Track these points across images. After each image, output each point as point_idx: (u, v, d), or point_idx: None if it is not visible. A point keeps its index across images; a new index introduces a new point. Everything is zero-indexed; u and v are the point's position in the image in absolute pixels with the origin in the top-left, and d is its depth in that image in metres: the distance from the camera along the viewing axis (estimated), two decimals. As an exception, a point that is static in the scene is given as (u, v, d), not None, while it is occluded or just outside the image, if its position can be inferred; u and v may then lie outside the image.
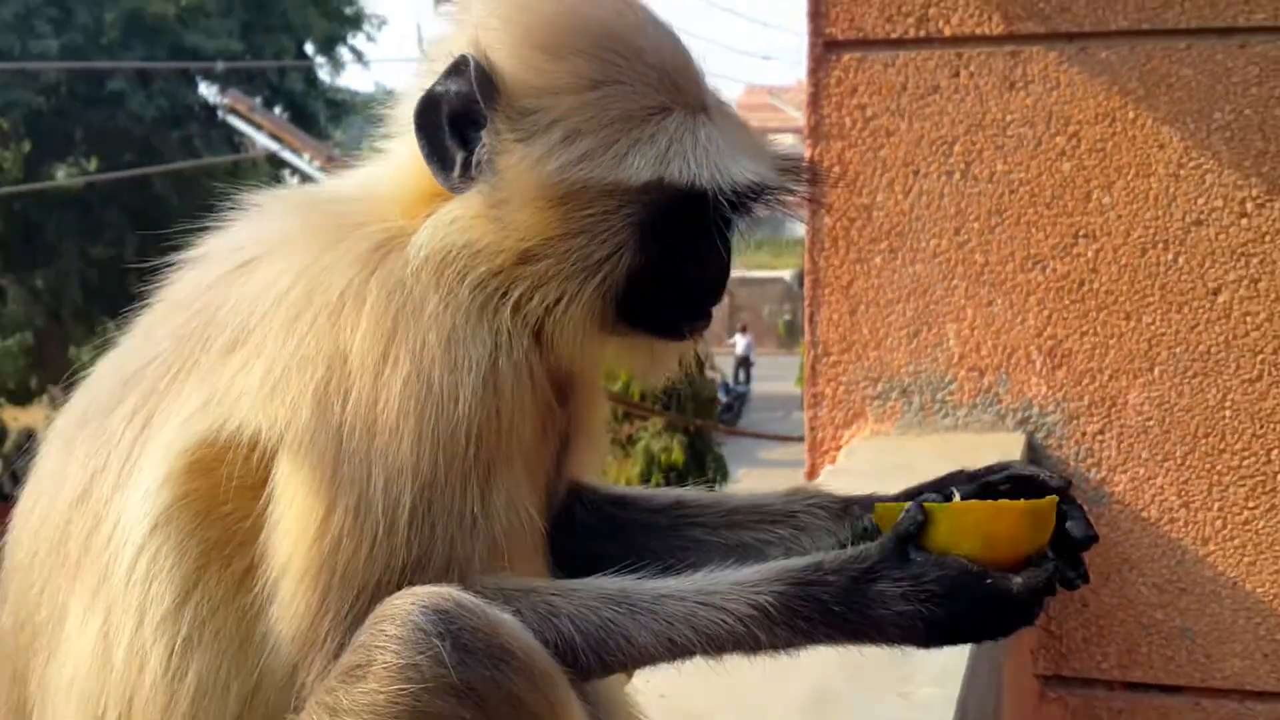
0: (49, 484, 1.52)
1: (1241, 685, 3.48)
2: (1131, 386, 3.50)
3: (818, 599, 1.42)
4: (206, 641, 1.40)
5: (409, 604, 1.30)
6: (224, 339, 1.46)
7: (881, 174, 3.61)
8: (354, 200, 1.56)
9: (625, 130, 1.45)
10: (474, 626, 1.30)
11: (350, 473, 1.37)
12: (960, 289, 3.58)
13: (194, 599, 1.41)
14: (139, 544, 1.42)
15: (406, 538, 1.37)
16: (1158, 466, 3.50)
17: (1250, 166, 3.40)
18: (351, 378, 1.40)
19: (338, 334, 1.41)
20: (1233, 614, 3.47)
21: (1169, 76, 3.43)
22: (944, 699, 2.16)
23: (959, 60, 3.55)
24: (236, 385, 1.43)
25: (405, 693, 1.28)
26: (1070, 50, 3.49)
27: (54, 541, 1.48)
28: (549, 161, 1.43)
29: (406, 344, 1.40)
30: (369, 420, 1.38)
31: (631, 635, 1.41)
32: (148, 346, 1.52)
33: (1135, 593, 3.53)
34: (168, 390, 1.46)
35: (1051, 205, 3.52)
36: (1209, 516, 3.48)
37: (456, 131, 1.47)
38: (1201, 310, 3.45)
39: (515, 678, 1.31)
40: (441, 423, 1.39)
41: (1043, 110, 3.51)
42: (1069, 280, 3.52)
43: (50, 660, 1.45)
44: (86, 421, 1.52)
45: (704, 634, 1.43)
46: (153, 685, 1.39)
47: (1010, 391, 3.58)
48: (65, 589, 1.46)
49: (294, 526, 1.39)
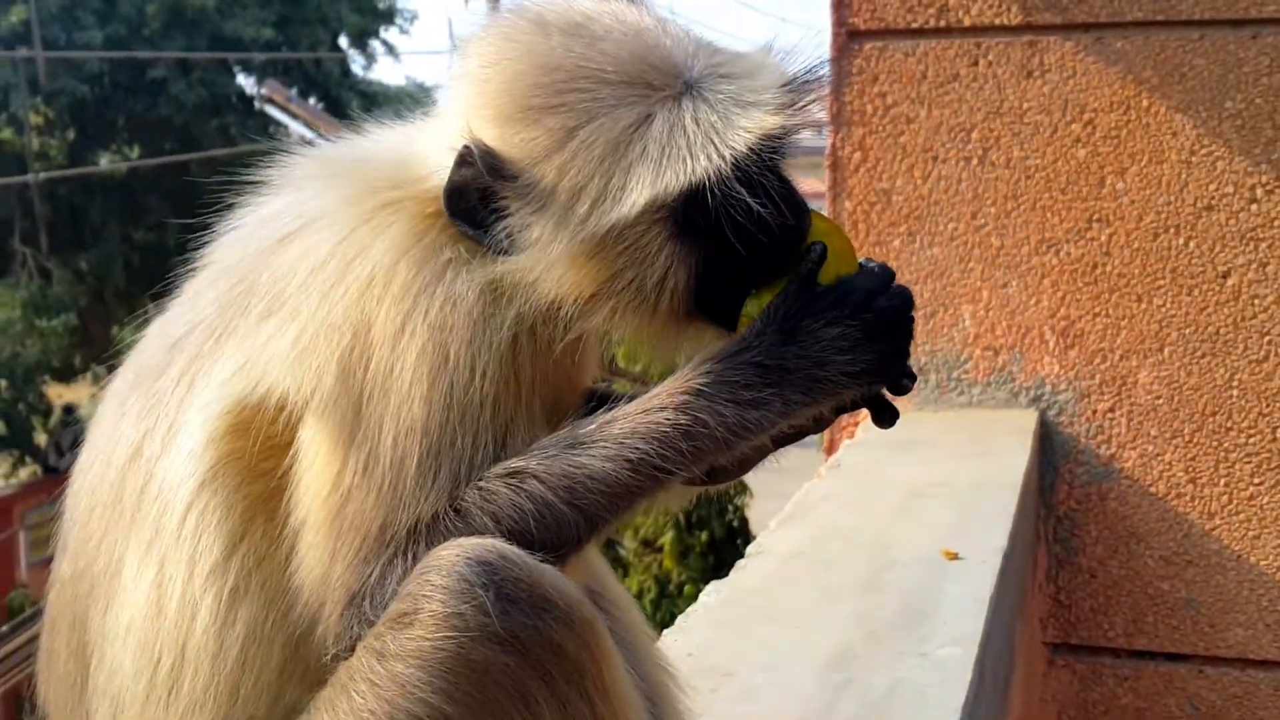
0: (104, 443, 1.59)
1: (1244, 654, 3.59)
2: (1142, 366, 3.61)
3: (751, 362, 1.42)
4: (253, 592, 1.47)
5: (454, 555, 1.35)
6: (261, 306, 1.51)
7: (901, 160, 3.73)
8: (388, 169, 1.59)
9: (615, 162, 1.44)
10: (516, 577, 1.34)
11: (364, 432, 1.43)
12: (976, 271, 3.70)
13: (240, 551, 1.47)
14: (188, 500, 1.48)
15: (413, 488, 1.41)
16: (1166, 443, 3.61)
17: (1260, 154, 3.50)
18: (373, 346, 1.45)
19: (364, 305, 1.46)
20: (1236, 585, 3.58)
21: (1182, 66, 3.53)
22: (962, 659, 2.22)
23: (978, 49, 3.66)
24: (269, 350, 1.48)
25: (450, 640, 1.32)
26: (1086, 40, 3.60)
27: (110, 497, 1.55)
28: (565, 228, 1.45)
29: (425, 316, 1.45)
30: (386, 385, 1.43)
31: (592, 469, 1.41)
32: (193, 311, 1.59)
33: (1142, 564, 3.64)
34: (210, 354, 1.53)
35: (1066, 190, 3.63)
36: (1215, 492, 3.59)
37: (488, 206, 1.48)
38: (1211, 293, 3.56)
39: (556, 626, 1.35)
40: (455, 387, 1.44)
41: (1059, 98, 3.62)
42: (1082, 263, 3.64)
43: (108, 608, 1.51)
44: (139, 383, 1.59)
45: (654, 439, 1.41)
46: (204, 633, 1.46)
47: (1024, 370, 3.70)
48: (121, 541, 1.52)
49: (312, 483, 1.44)
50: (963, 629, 2.35)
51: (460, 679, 1.33)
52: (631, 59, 1.47)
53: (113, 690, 1.50)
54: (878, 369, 1.45)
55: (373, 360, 1.45)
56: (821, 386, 1.44)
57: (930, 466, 3.34)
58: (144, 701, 1.47)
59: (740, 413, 1.42)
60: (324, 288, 1.48)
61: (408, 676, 1.33)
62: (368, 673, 1.35)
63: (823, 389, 1.44)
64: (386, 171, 1.59)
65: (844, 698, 2.10)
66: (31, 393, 24.50)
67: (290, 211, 1.58)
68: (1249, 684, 3.61)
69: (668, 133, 1.43)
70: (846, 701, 2.09)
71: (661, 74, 1.46)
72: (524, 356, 1.48)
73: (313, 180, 1.61)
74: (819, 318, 1.43)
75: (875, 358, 1.44)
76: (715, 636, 2.37)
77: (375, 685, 1.34)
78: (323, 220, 1.54)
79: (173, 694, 1.46)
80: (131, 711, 1.48)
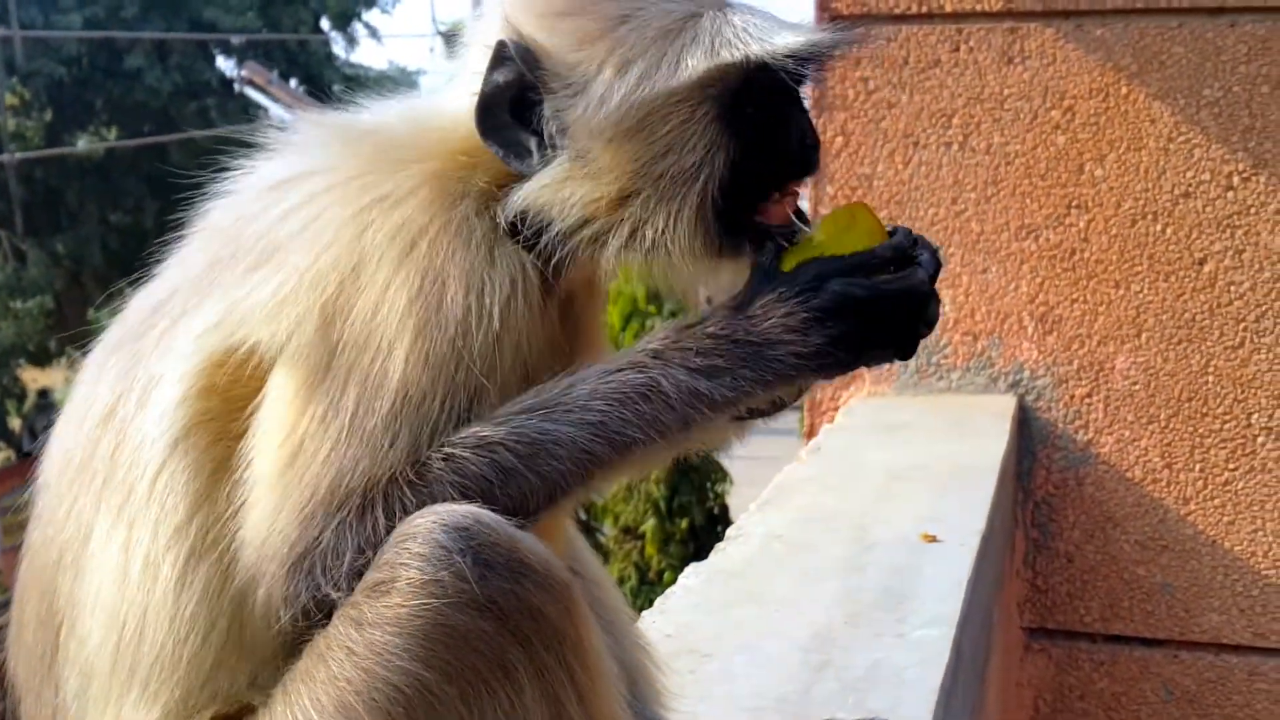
0: (80, 406, 1.56)
1: (1218, 639, 3.63)
2: (1119, 352, 3.63)
3: (705, 333, 1.44)
4: (210, 553, 1.42)
5: (431, 522, 1.33)
6: (249, 259, 1.48)
7: (882, 144, 3.74)
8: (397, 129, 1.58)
9: (668, 43, 1.48)
10: (494, 542, 1.33)
11: (331, 383, 1.40)
12: (956, 256, 3.72)
13: (203, 511, 1.44)
14: (160, 461, 1.46)
15: (370, 447, 1.38)
16: (1142, 429, 3.63)
17: (1237, 141, 3.52)
18: (360, 293, 1.42)
19: (357, 249, 1.43)
20: (1211, 571, 3.62)
21: (1161, 54, 3.55)
22: (940, 639, 2.24)
23: (959, 35, 3.68)
24: (250, 300, 1.45)
25: (428, 607, 1.31)
26: (1067, 27, 3.61)
27: (81, 461, 1.52)
28: (612, 97, 1.46)
29: (423, 260, 1.43)
30: (365, 335, 1.41)
31: (558, 435, 1.41)
32: (179, 273, 1.57)
33: (1118, 549, 3.67)
34: (191, 311, 1.51)
35: (1045, 177, 3.65)
36: (1190, 477, 3.62)
37: (519, 119, 1.50)
38: (1187, 279, 3.58)
39: (534, 590, 1.35)
40: (439, 343, 1.41)
41: (1039, 85, 3.63)
42: (1061, 249, 3.66)
43: (78, 577, 1.49)
44: (119, 346, 1.57)
45: (614, 399, 1.41)
46: (163, 596, 1.43)
47: (1003, 355, 3.72)
48: (90, 507, 1.50)
49: (268, 431, 1.41)
50: (941, 610, 2.37)
51: (439, 646, 1.32)
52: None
53: (81, 660, 1.48)
54: (828, 354, 1.44)
55: (357, 308, 1.42)
56: (771, 366, 1.44)
57: (909, 450, 3.36)
58: (110, 670, 1.45)
59: (692, 380, 1.42)
60: (317, 230, 1.46)
61: (386, 644, 1.32)
62: (345, 641, 1.34)
63: (772, 368, 1.44)
64: (395, 131, 1.58)
65: (822, 678, 2.12)
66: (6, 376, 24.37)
67: (286, 170, 1.56)
68: (1223, 669, 3.65)
69: (718, 26, 1.49)
70: (825, 682, 2.10)
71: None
72: (519, 315, 1.47)
73: (313, 140, 1.60)
74: (770, 295, 1.44)
75: (826, 342, 1.43)
76: (695, 618, 2.38)
77: (353, 654, 1.33)
78: (322, 172, 1.53)
79: (134, 661, 1.44)
80: (99, 681, 1.46)
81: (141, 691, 1.43)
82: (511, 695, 1.35)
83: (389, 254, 1.44)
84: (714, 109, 1.49)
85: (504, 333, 1.45)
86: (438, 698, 1.33)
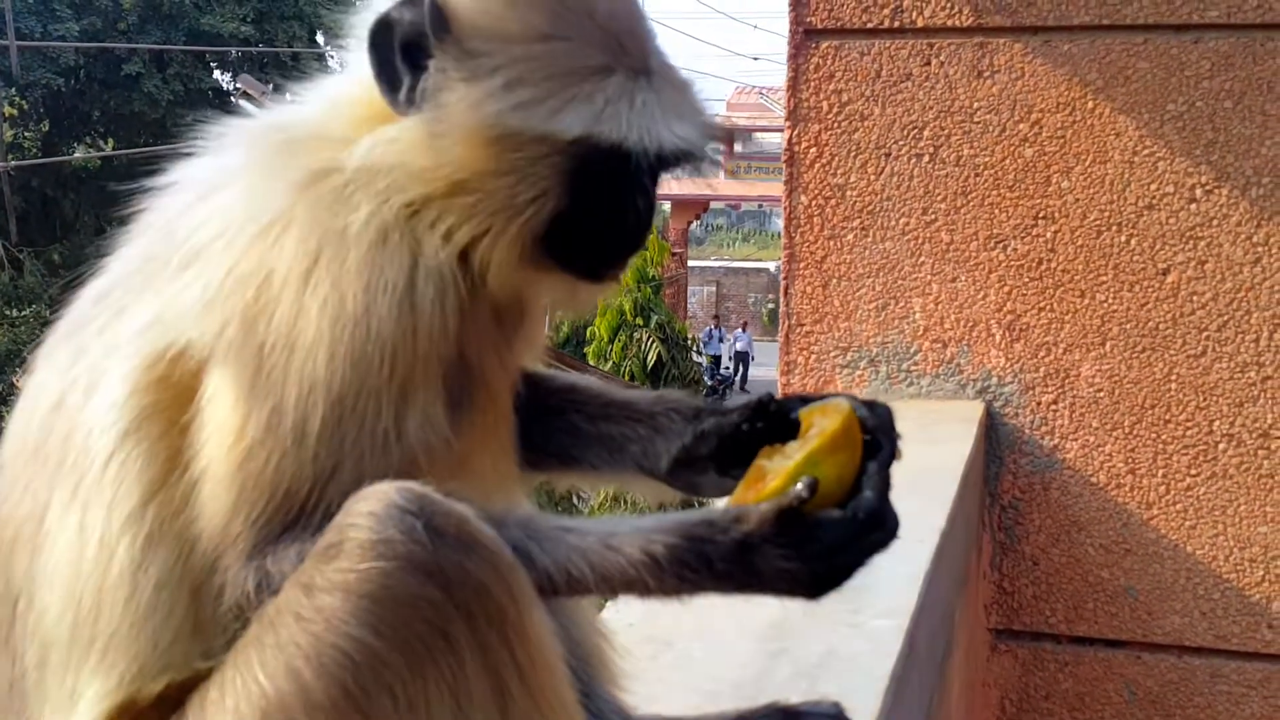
0: (33, 393, 1.63)
1: (1180, 641, 3.70)
2: (1084, 360, 3.71)
3: (705, 555, 1.46)
4: (167, 538, 1.48)
5: (386, 487, 1.37)
6: (179, 258, 1.53)
7: (855, 156, 3.82)
8: (301, 127, 1.63)
9: (565, 85, 1.50)
10: (445, 512, 1.37)
11: (268, 387, 1.43)
12: (927, 265, 3.80)
13: (158, 500, 1.48)
14: (110, 449, 1.50)
15: (315, 451, 1.43)
16: (1107, 435, 3.71)
17: (1200, 155, 3.61)
18: (276, 297, 1.45)
19: (266, 255, 1.48)
20: (1173, 574, 3.69)
21: (1126, 69, 3.64)
22: (894, 630, 2.30)
23: (930, 50, 3.76)
24: (180, 301, 1.50)
25: (376, 570, 1.34)
26: (1035, 42, 3.70)
27: (34, 445, 1.58)
28: (488, 104, 1.50)
29: (327, 265, 1.46)
30: (289, 339, 1.44)
31: (533, 558, 1.45)
32: (120, 267, 1.64)
33: (1083, 553, 3.75)
34: (130, 306, 1.57)
35: (1014, 188, 3.73)
36: (1153, 482, 3.70)
37: (407, 57, 1.52)
38: (1151, 289, 3.67)
39: (483, 566, 1.37)
40: (356, 341, 1.44)
41: (1008, 98, 3.72)
42: (1028, 259, 3.74)
43: (35, 554, 1.54)
44: (67, 337, 1.63)
45: (598, 571, 1.47)
46: (119, 575, 1.47)
47: (971, 363, 3.80)
48: (45, 488, 1.54)
49: (215, 434, 1.45)
50: (896, 602, 2.43)
51: (386, 610, 1.35)
52: (619, 17, 1.57)
53: (41, 631, 1.52)
54: (809, 596, 1.51)
55: (276, 312, 1.46)
56: (751, 591, 1.51)
57: (876, 453, 3.41)
58: (68, 644, 1.50)
59: (678, 586, 1.48)
60: (228, 241, 1.51)
61: (334, 609, 1.35)
62: (295, 606, 1.37)
63: (752, 592, 1.51)
64: (305, 121, 1.64)
65: (778, 665, 2.19)
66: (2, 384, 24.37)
67: (208, 171, 1.62)
68: (1185, 670, 3.72)
69: (618, 94, 1.52)
70: (780, 669, 2.17)
71: (634, 46, 1.56)
72: (424, 302, 1.49)
73: (233, 143, 1.65)
74: (780, 549, 1.47)
75: (808, 592, 1.50)
76: (658, 608, 2.44)
77: (302, 618, 1.36)
78: (236, 175, 1.58)
79: (92, 635, 1.48)
80: (57, 654, 1.51)
81: (99, 661, 1.48)
82: (454, 667, 1.38)
83: (294, 267, 1.48)
84: (566, 164, 1.53)
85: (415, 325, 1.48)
86: (384, 664, 1.36)
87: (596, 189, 1.55)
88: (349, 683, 1.35)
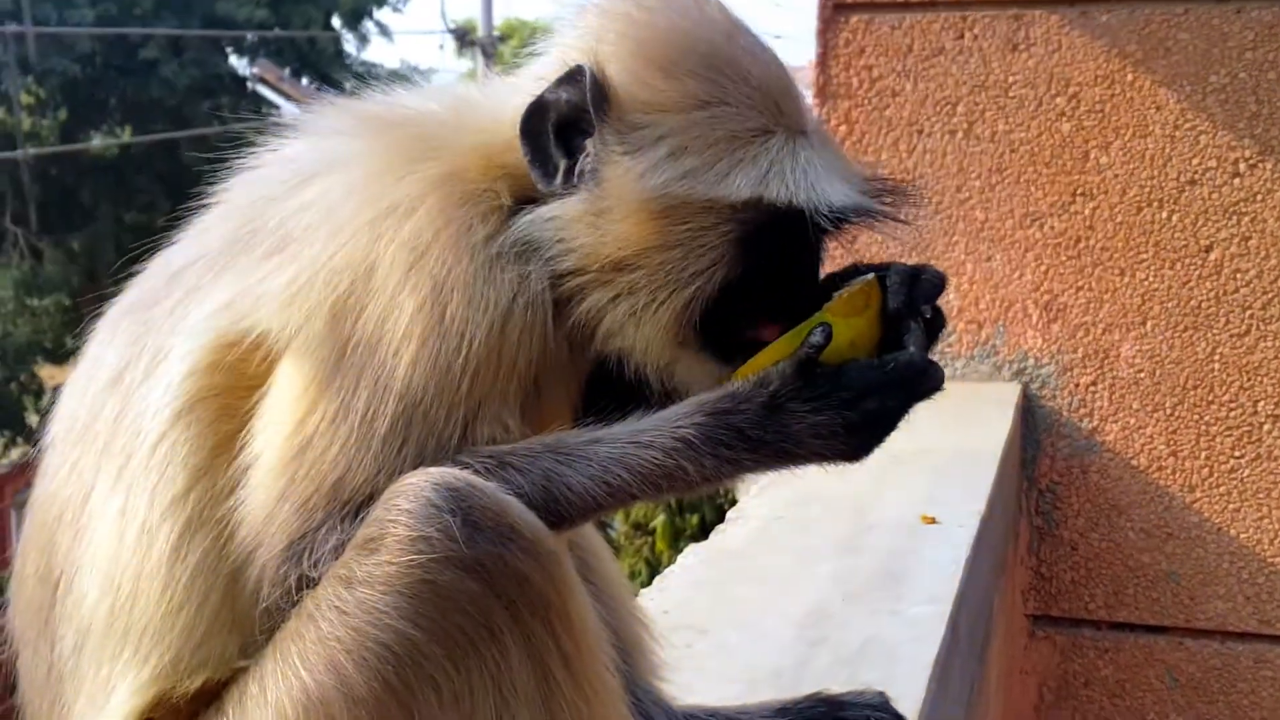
0: (89, 367, 1.59)
1: (1224, 626, 3.62)
2: (1124, 340, 3.63)
3: (735, 426, 1.45)
4: (208, 526, 1.45)
5: (421, 480, 1.35)
6: (266, 245, 1.50)
7: (886, 133, 3.74)
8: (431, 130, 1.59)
9: (729, 150, 1.49)
10: (483, 505, 1.35)
11: (341, 381, 1.42)
12: (961, 245, 3.71)
13: (201, 485, 1.46)
14: (161, 430, 1.48)
15: (376, 449, 1.41)
16: (1148, 416, 3.63)
17: (1244, 128, 3.52)
18: (372, 291, 1.45)
19: (371, 250, 1.45)
20: (1216, 558, 3.61)
21: (1167, 40, 3.54)
22: (936, 616, 2.25)
23: (964, 23, 3.67)
24: (263, 287, 1.47)
25: (416, 564, 1.32)
26: (1072, 14, 3.61)
27: (85, 423, 1.55)
28: (653, 176, 1.48)
29: (430, 269, 1.45)
30: (375, 335, 1.43)
31: (570, 481, 1.43)
32: (197, 246, 1.59)
33: (1123, 537, 3.67)
34: (205, 287, 1.53)
35: (1050, 164, 3.65)
36: (1196, 465, 3.61)
37: (561, 138, 1.51)
38: (1193, 267, 3.58)
39: (521, 556, 1.35)
40: (444, 349, 1.43)
41: (1044, 72, 3.63)
42: (1066, 237, 3.65)
43: (77, 536, 1.52)
44: (132, 311, 1.60)
45: (637, 472, 1.44)
46: (157, 563, 1.45)
47: (1007, 344, 3.72)
48: (91, 469, 1.52)
49: (276, 419, 1.44)
50: (938, 589, 2.38)
51: (426, 604, 1.33)
52: (773, 80, 1.56)
53: (78, 617, 1.50)
54: (849, 456, 1.48)
55: (368, 309, 1.45)
56: (792, 459, 1.48)
57: (911, 436, 3.31)
58: (105, 630, 1.47)
59: (717, 466, 1.46)
60: (332, 230, 1.48)
61: (375, 602, 1.33)
62: (335, 600, 1.35)
63: (793, 461, 1.49)
64: (426, 125, 1.59)
65: (817, 654, 2.13)
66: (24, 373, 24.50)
67: (310, 155, 1.58)
68: (1228, 656, 3.64)
69: (781, 155, 1.51)
70: (819, 656, 2.12)
71: (790, 107, 1.55)
72: (516, 331, 1.48)
73: (341, 128, 1.61)
74: (806, 403, 1.45)
75: (847, 448, 1.47)
76: (693, 595, 2.40)
77: (343, 613, 1.35)
78: (345, 164, 1.54)
79: (128, 624, 1.46)
80: (93, 640, 1.48)
81: (134, 653, 1.46)
82: (498, 657, 1.36)
83: (400, 260, 1.46)
84: (736, 230, 1.50)
85: (502, 347, 1.46)
86: (426, 657, 1.34)
87: (766, 255, 1.51)
88: (391, 676, 1.33)
